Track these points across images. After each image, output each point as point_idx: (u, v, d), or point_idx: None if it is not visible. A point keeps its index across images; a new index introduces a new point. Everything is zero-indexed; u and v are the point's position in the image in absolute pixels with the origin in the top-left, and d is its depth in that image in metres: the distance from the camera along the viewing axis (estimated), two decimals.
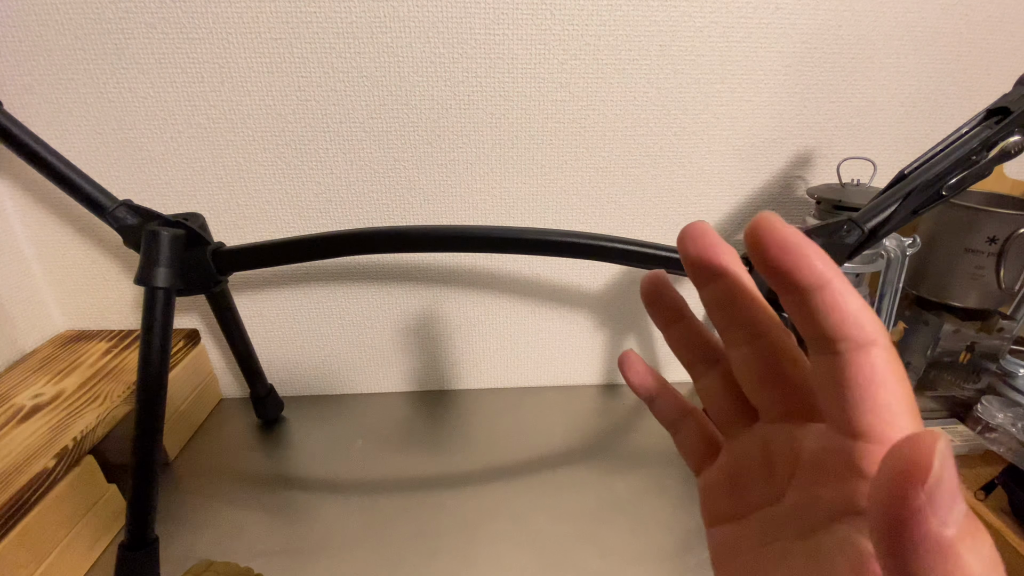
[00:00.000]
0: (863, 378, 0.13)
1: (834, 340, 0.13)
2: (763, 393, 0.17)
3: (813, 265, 0.13)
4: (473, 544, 0.50)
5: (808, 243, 0.14)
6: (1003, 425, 0.51)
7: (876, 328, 0.13)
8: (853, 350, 0.13)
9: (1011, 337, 0.56)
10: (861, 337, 0.13)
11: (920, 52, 0.58)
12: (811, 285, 0.13)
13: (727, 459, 0.19)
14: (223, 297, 0.55)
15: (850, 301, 0.13)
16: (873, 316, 0.13)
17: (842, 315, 0.13)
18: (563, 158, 0.59)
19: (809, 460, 0.15)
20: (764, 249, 0.14)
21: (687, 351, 0.20)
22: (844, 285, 0.13)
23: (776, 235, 0.14)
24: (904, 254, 0.53)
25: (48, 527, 0.43)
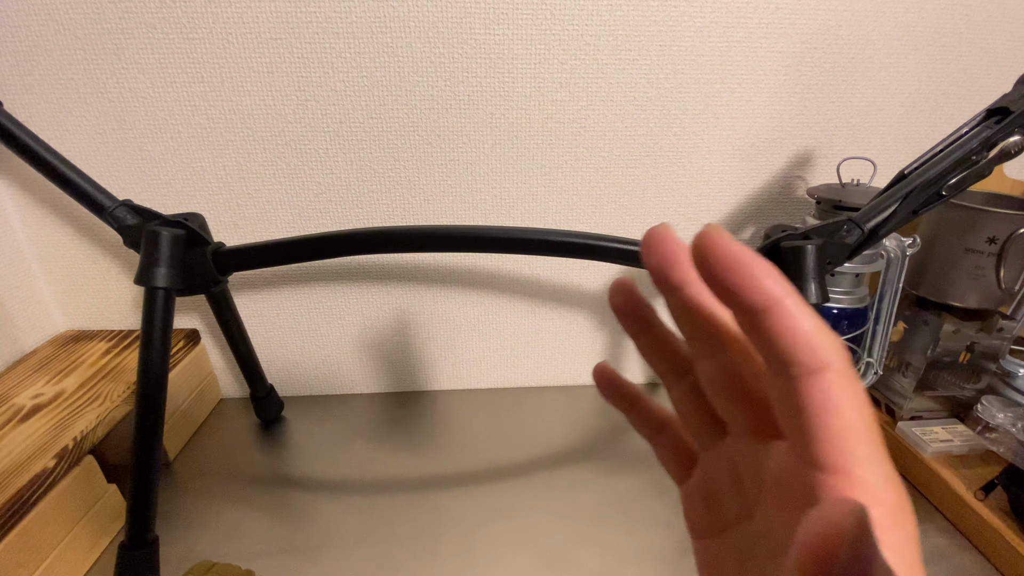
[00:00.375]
0: (815, 405, 0.12)
1: (786, 363, 0.13)
2: (728, 408, 0.16)
3: (761, 284, 0.12)
4: (473, 544, 0.50)
5: (756, 260, 0.13)
6: (1003, 425, 0.51)
7: (830, 351, 0.12)
8: (805, 375, 0.12)
9: (1011, 337, 0.56)
10: (813, 362, 0.12)
11: (920, 52, 0.58)
12: (759, 306, 0.12)
13: (702, 471, 0.18)
14: (223, 297, 0.55)
15: (802, 323, 0.12)
16: (828, 337, 0.13)
17: (793, 337, 0.12)
18: (563, 158, 0.59)
19: (772, 481, 0.15)
20: (708, 265, 0.13)
21: (657, 361, 0.19)
22: (796, 305, 0.12)
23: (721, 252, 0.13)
24: (904, 254, 0.53)
25: (48, 527, 0.43)
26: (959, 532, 0.51)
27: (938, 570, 0.48)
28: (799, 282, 0.43)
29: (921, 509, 0.54)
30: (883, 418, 0.62)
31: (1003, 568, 0.47)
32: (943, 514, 0.53)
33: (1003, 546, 0.47)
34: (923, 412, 0.60)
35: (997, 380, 0.57)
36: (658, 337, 0.18)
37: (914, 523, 0.13)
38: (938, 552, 0.49)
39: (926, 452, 0.55)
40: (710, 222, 0.13)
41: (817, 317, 0.13)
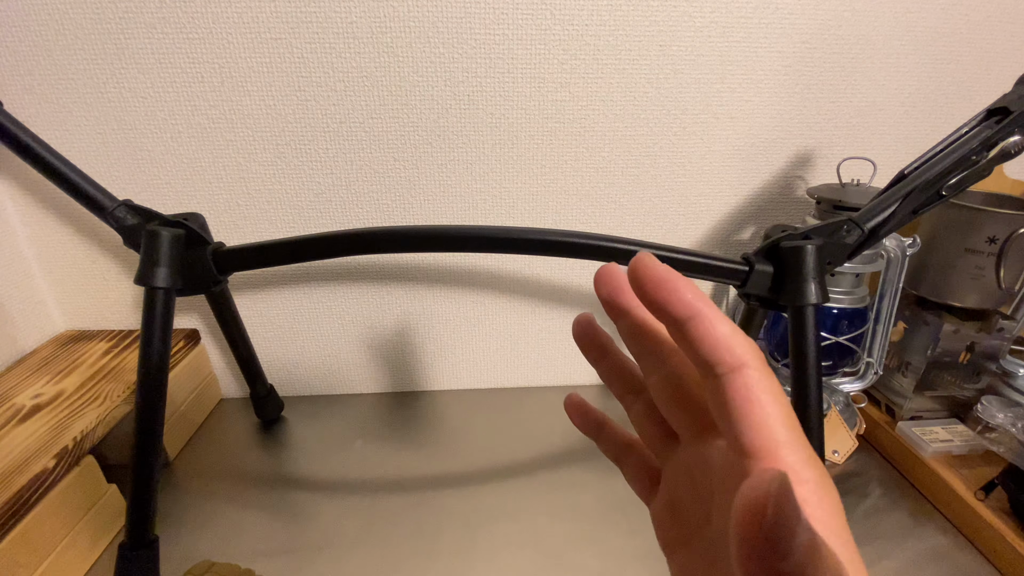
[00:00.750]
0: (739, 398, 0.14)
1: (710, 364, 0.15)
2: (676, 415, 0.18)
3: (683, 298, 0.15)
4: (473, 544, 0.50)
5: (679, 278, 0.15)
6: (1003, 425, 0.51)
7: (746, 350, 0.14)
8: (727, 373, 0.14)
9: (1011, 337, 0.56)
10: (732, 360, 0.14)
11: (920, 52, 0.58)
12: (683, 316, 0.15)
13: (664, 485, 0.20)
14: (223, 297, 0.55)
15: (719, 328, 0.14)
16: (743, 339, 0.15)
17: (713, 341, 0.14)
18: (563, 158, 0.59)
19: (719, 478, 0.16)
20: (641, 286, 0.15)
21: (615, 383, 0.21)
22: (714, 313, 0.15)
23: (650, 273, 0.15)
24: (904, 254, 0.53)
25: (48, 527, 0.43)
26: (959, 532, 0.51)
27: (938, 570, 0.48)
28: (799, 282, 0.43)
29: (921, 509, 0.54)
30: (883, 418, 0.62)
31: (1003, 568, 0.47)
32: (943, 514, 0.53)
33: (1003, 546, 0.47)
34: (923, 412, 0.60)
35: (997, 380, 0.57)
36: (614, 362, 0.21)
37: (837, 497, 0.14)
38: (938, 552, 0.49)
39: (926, 452, 0.55)
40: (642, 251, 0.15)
41: (731, 323, 0.15)
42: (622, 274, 0.17)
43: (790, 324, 0.44)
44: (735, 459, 0.15)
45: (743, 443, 0.14)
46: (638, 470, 0.21)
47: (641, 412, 0.20)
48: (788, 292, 0.44)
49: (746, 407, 0.14)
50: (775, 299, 0.46)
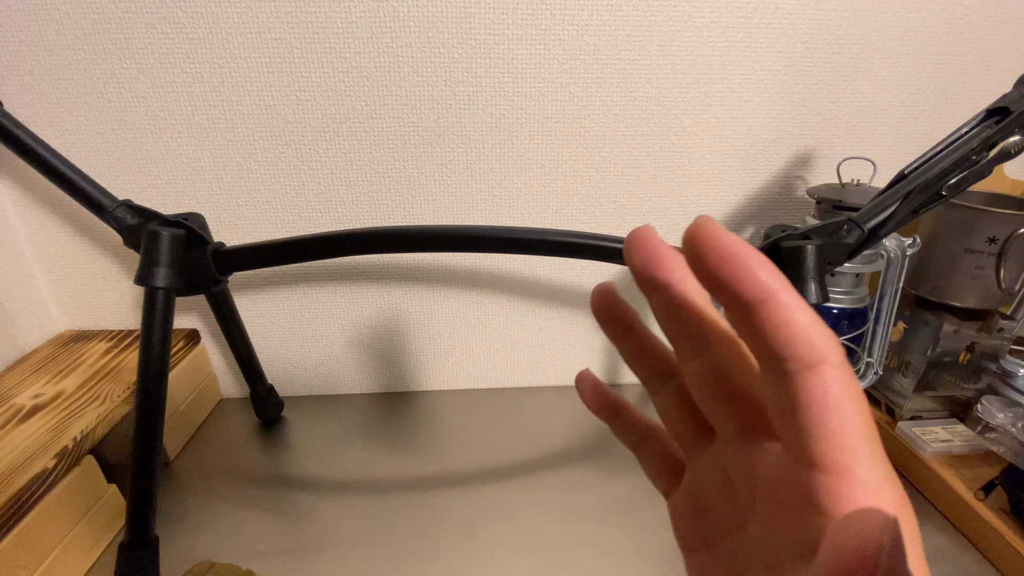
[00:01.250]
0: (814, 402, 0.12)
1: (782, 358, 0.12)
2: (716, 409, 0.16)
3: (756, 276, 0.12)
4: (473, 544, 0.50)
5: (751, 252, 0.12)
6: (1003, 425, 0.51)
7: (828, 345, 0.12)
8: (802, 370, 0.12)
9: (1011, 337, 0.56)
10: (810, 356, 0.12)
11: (920, 52, 0.58)
12: (754, 298, 0.12)
13: (690, 481, 0.18)
14: (223, 297, 0.55)
15: (798, 315, 0.12)
16: (825, 331, 0.12)
17: (790, 331, 0.12)
18: (563, 158, 0.59)
19: (767, 487, 0.14)
20: (702, 259, 0.12)
21: (640, 366, 0.18)
22: (791, 298, 0.12)
23: (715, 243, 0.12)
24: (904, 254, 0.53)
25: (48, 527, 0.43)
26: (959, 532, 0.51)
27: (938, 570, 0.48)
28: (799, 282, 0.43)
29: (921, 509, 0.54)
30: (883, 418, 0.62)
31: (1003, 568, 0.47)
32: (943, 514, 0.53)
33: (1003, 546, 0.47)
34: (923, 412, 0.60)
35: (997, 380, 0.57)
36: (640, 341, 0.18)
37: (916, 524, 0.12)
38: (938, 552, 0.49)
39: (926, 452, 0.55)
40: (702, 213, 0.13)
41: (812, 311, 0.12)
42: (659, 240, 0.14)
43: None
44: (793, 468, 0.13)
45: (812, 453, 0.12)
46: (659, 460, 0.19)
47: (670, 399, 0.18)
48: None
49: (821, 413, 0.12)
50: None
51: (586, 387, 0.20)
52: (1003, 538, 0.47)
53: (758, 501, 0.15)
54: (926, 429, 0.57)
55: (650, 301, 0.15)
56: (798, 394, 0.12)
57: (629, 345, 0.18)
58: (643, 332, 0.18)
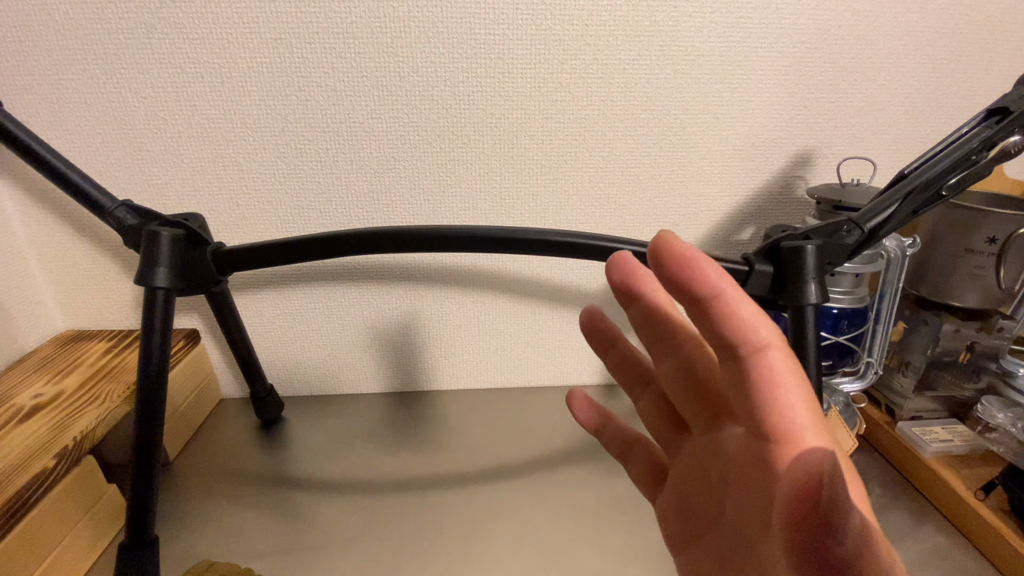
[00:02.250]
0: (763, 380, 0.14)
1: (733, 345, 0.14)
2: (688, 403, 0.18)
3: (707, 276, 0.14)
4: (473, 544, 0.50)
5: (702, 257, 0.14)
6: (1003, 425, 0.51)
7: (770, 331, 0.14)
8: (751, 354, 0.14)
9: (1011, 337, 0.56)
10: (757, 341, 0.14)
11: (920, 52, 0.58)
12: (706, 295, 0.14)
13: (671, 481, 0.19)
14: (223, 297, 0.55)
15: (744, 307, 0.14)
16: (767, 320, 0.14)
17: (738, 321, 0.14)
18: (563, 158, 0.59)
19: (735, 467, 0.16)
20: (662, 265, 0.15)
21: (623, 374, 0.21)
22: (737, 293, 0.14)
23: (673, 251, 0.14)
24: (904, 254, 0.53)
25: (48, 527, 0.43)
26: (959, 532, 0.51)
27: (938, 570, 0.48)
28: (799, 282, 0.43)
29: (921, 509, 0.54)
30: (883, 418, 0.62)
31: (1003, 568, 0.47)
32: (943, 514, 0.53)
33: (1003, 546, 0.47)
34: (923, 412, 0.60)
35: (997, 380, 0.57)
36: (622, 352, 0.21)
37: (862, 482, 0.14)
38: (938, 552, 0.49)
39: (926, 452, 0.55)
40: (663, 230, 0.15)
41: (755, 304, 0.14)
42: (635, 260, 0.17)
43: (790, 324, 0.44)
44: (755, 445, 0.14)
45: (765, 427, 0.14)
46: (644, 466, 0.21)
47: (650, 403, 0.20)
48: (788, 292, 0.44)
49: (770, 389, 0.14)
50: (775, 299, 0.46)
51: (576, 403, 0.22)
52: (1003, 538, 0.47)
53: (730, 484, 0.16)
54: (926, 429, 0.57)
55: (629, 314, 0.18)
56: (750, 374, 0.14)
57: (613, 356, 0.21)
58: (625, 344, 0.21)
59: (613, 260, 0.17)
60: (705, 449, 0.17)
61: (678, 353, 0.18)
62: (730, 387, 0.15)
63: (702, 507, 0.17)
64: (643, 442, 0.21)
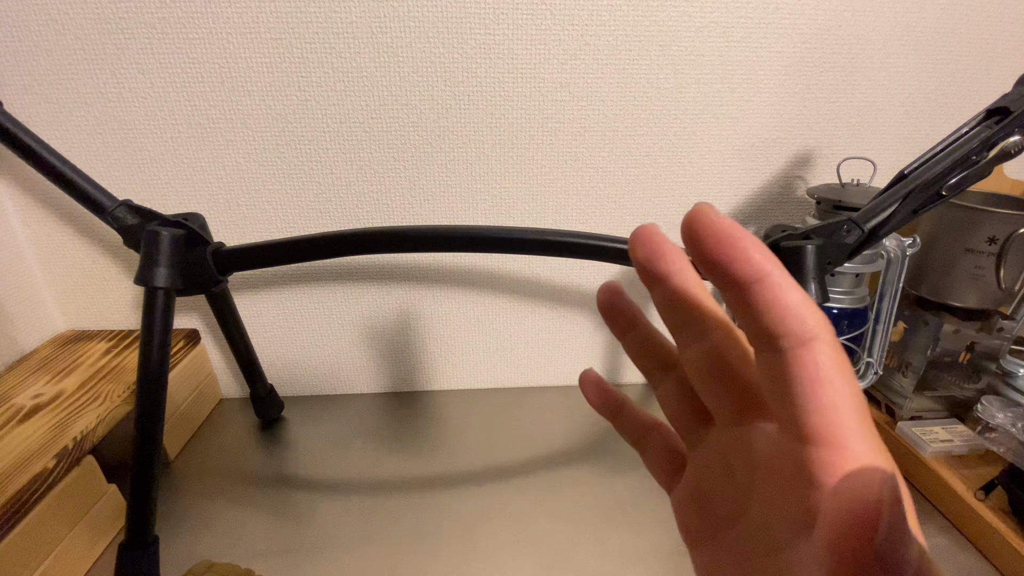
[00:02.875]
0: (807, 376, 0.12)
1: (775, 336, 0.13)
2: (714, 393, 0.16)
3: (750, 257, 0.13)
4: (473, 544, 0.50)
5: (745, 234, 0.13)
6: (1003, 425, 0.51)
7: (818, 322, 0.13)
8: (795, 347, 0.12)
9: (1011, 337, 0.56)
10: (803, 332, 0.12)
11: (920, 52, 0.58)
12: (748, 278, 0.13)
13: (691, 472, 0.18)
14: (223, 297, 0.55)
15: (790, 294, 0.13)
16: (815, 309, 0.13)
17: (782, 309, 0.12)
18: (563, 158, 0.59)
19: (764, 466, 0.15)
20: (699, 242, 0.13)
21: (643, 358, 0.19)
22: (784, 278, 0.13)
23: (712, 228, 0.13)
24: (904, 254, 0.53)
25: (48, 527, 0.43)
26: (959, 532, 0.51)
27: None
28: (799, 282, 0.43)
29: (921, 509, 0.54)
30: (883, 418, 0.62)
31: (1003, 568, 0.47)
32: (943, 514, 0.53)
33: (1003, 546, 0.47)
34: (923, 412, 0.60)
35: (997, 380, 0.57)
36: (643, 335, 0.19)
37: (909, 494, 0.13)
38: (938, 552, 0.49)
39: (926, 452, 0.55)
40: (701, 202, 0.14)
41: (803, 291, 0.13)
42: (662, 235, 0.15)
43: None
44: (789, 446, 0.13)
45: (805, 427, 0.12)
46: (661, 454, 0.20)
47: (671, 390, 0.19)
48: None
49: (814, 387, 0.12)
50: None
51: (589, 384, 0.21)
52: (1003, 538, 0.47)
53: (757, 483, 0.15)
54: (926, 429, 0.57)
55: (653, 294, 0.16)
56: (791, 369, 0.12)
57: (633, 338, 0.19)
58: (646, 326, 0.19)
59: (638, 235, 0.15)
60: (731, 443, 0.16)
61: (706, 339, 0.16)
62: (767, 381, 0.13)
63: (723, 503, 0.16)
64: (661, 429, 0.20)
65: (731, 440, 0.16)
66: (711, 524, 0.17)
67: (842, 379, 0.12)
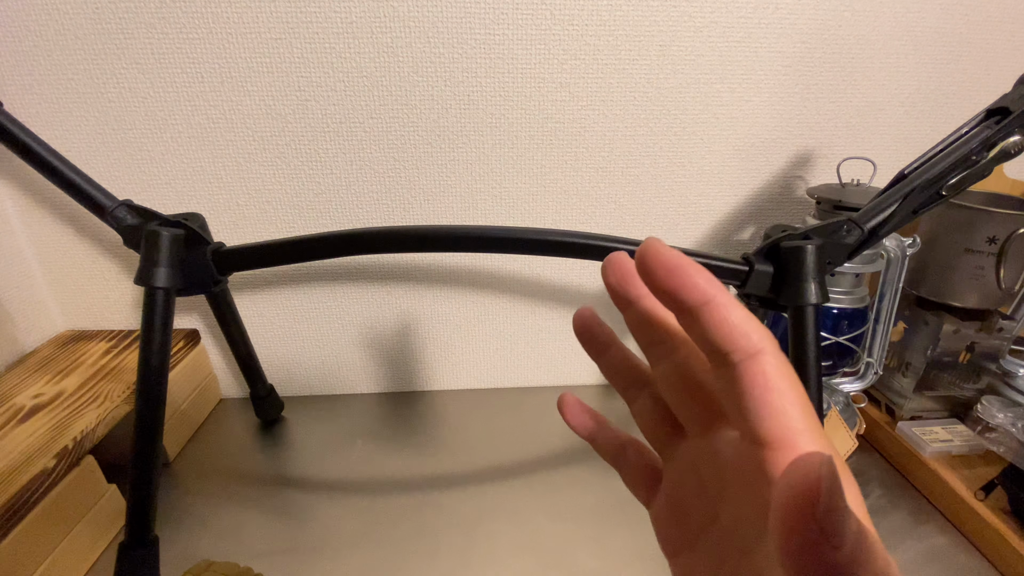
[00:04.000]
0: (756, 386, 0.14)
1: (725, 352, 0.14)
2: (683, 406, 0.18)
3: (696, 283, 0.14)
4: (472, 544, 0.50)
5: (690, 263, 0.14)
6: (1003, 425, 0.51)
7: (762, 336, 0.14)
8: (744, 360, 0.14)
9: (1011, 337, 0.56)
10: (749, 347, 0.14)
11: (920, 52, 0.58)
12: (696, 302, 0.14)
13: (666, 485, 0.19)
14: (223, 297, 0.55)
15: (734, 313, 0.14)
16: (758, 326, 0.14)
17: (729, 327, 0.14)
18: (563, 158, 0.59)
19: (731, 471, 0.16)
20: (651, 273, 0.15)
21: (619, 377, 0.21)
22: (727, 299, 0.14)
23: (660, 259, 0.14)
24: (904, 254, 0.53)
25: (48, 527, 0.43)
26: (959, 532, 0.51)
27: (938, 570, 0.48)
28: (799, 282, 0.43)
29: (921, 509, 0.54)
30: (883, 418, 0.62)
31: (1003, 568, 0.47)
32: (943, 514, 0.53)
33: (1003, 546, 0.47)
34: (923, 412, 0.60)
35: (997, 380, 0.57)
36: (617, 356, 0.21)
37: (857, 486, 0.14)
38: (938, 552, 0.49)
39: (926, 452, 0.55)
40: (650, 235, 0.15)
41: (745, 309, 0.14)
42: (630, 262, 0.17)
43: (790, 324, 0.44)
44: (749, 450, 0.14)
45: (759, 432, 0.14)
46: (638, 471, 0.21)
47: (645, 406, 0.20)
48: (788, 292, 0.44)
49: (763, 395, 0.14)
50: (775, 299, 0.46)
51: (568, 408, 0.22)
52: (1003, 538, 0.47)
53: (725, 488, 0.16)
54: (926, 429, 0.57)
55: (625, 316, 0.18)
56: (742, 380, 0.14)
57: (607, 360, 0.21)
58: (619, 347, 0.21)
59: (609, 262, 0.17)
60: (700, 453, 0.17)
61: (674, 356, 0.17)
62: (724, 393, 0.15)
63: (696, 512, 0.17)
64: (636, 446, 0.21)
65: (701, 449, 0.17)
66: (687, 533, 0.18)
67: (787, 385, 0.14)
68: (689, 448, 0.18)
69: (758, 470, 0.14)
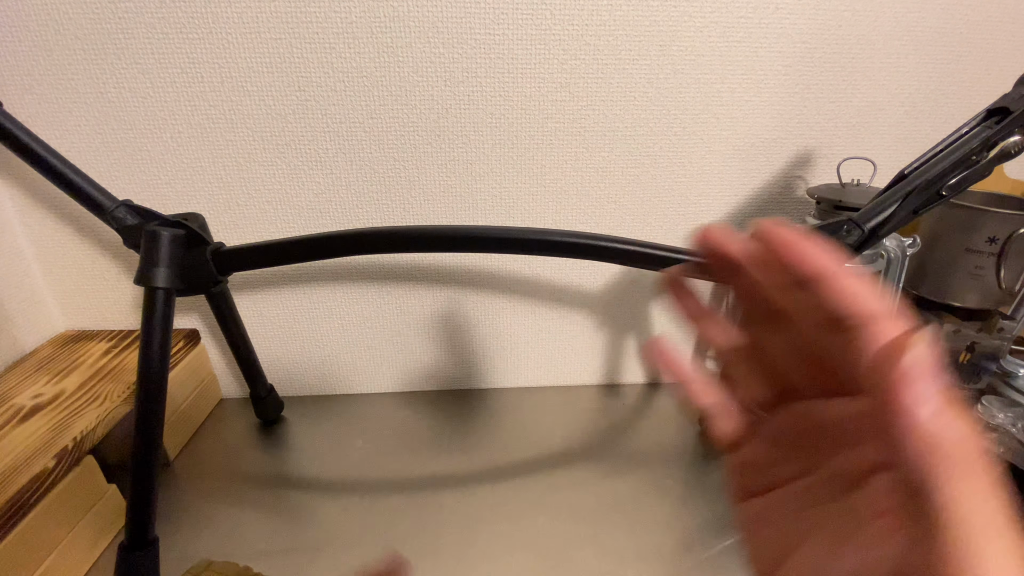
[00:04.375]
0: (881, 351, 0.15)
1: (845, 318, 0.15)
2: (797, 373, 0.19)
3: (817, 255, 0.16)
4: (473, 544, 0.50)
5: (813, 239, 0.16)
6: (1003, 425, 0.51)
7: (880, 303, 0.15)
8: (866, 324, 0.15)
9: (1011, 337, 0.56)
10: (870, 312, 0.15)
11: (920, 52, 0.58)
12: (818, 272, 0.16)
13: (762, 437, 0.20)
14: (223, 297, 0.55)
15: (853, 283, 0.15)
16: (876, 294, 0.15)
17: (851, 298, 0.15)
18: (563, 158, 0.59)
19: (843, 430, 0.17)
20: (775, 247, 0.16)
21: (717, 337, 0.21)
22: (846, 270, 0.16)
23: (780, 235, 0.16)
24: (904, 254, 0.53)
25: (48, 527, 0.43)
26: None
27: None
28: None
29: None
30: None
31: None
32: None
33: None
34: None
35: (997, 380, 0.57)
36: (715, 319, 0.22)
37: None
38: None
39: None
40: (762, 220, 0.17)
41: (862, 279, 0.16)
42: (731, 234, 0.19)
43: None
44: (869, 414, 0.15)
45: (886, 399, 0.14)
46: (728, 421, 0.21)
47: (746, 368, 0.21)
48: None
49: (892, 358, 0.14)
50: None
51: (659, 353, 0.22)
52: None
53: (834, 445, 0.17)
54: None
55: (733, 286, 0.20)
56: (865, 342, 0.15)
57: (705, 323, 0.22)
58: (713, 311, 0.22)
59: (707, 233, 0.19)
60: (808, 414, 0.19)
61: (790, 324, 0.18)
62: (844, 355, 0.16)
63: (790, 464, 0.19)
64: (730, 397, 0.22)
65: (810, 412, 0.19)
66: (772, 481, 0.19)
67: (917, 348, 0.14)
68: (795, 409, 0.19)
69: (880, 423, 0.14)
